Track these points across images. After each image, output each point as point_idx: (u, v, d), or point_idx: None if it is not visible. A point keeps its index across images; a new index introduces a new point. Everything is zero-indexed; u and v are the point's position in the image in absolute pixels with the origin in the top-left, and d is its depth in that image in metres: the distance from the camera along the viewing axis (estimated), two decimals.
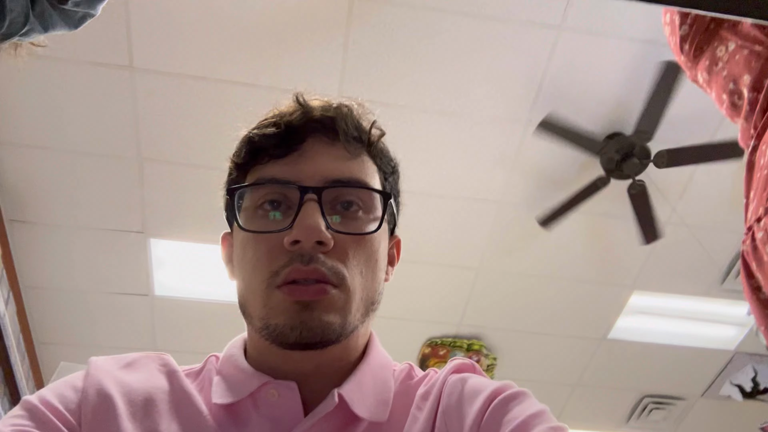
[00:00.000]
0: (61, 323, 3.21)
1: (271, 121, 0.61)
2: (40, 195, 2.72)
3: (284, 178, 0.59)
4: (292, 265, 0.55)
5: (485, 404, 0.56)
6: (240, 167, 0.63)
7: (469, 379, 0.60)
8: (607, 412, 3.90)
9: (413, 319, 3.33)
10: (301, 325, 0.54)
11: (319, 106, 0.62)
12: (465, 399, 0.58)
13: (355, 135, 0.62)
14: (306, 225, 0.55)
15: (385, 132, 0.66)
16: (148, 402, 0.57)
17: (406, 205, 2.99)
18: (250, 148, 0.62)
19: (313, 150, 0.60)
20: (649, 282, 3.19)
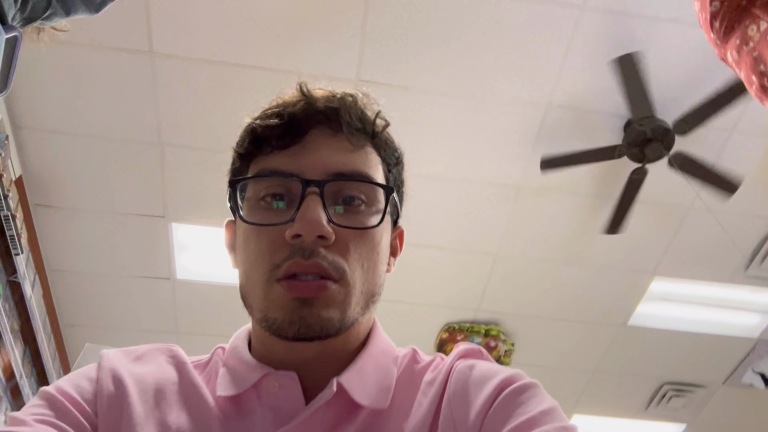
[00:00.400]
0: (86, 306, 3.28)
1: (274, 112, 0.61)
2: (64, 180, 2.77)
3: (286, 170, 0.58)
4: (292, 258, 0.55)
5: (494, 394, 0.55)
6: (243, 157, 0.63)
7: (477, 365, 0.60)
8: (626, 399, 3.88)
9: (431, 305, 3.34)
10: (300, 321, 0.54)
11: (322, 97, 0.61)
12: (472, 386, 0.57)
13: (359, 126, 0.61)
14: (307, 219, 0.55)
15: (389, 122, 0.65)
16: (158, 393, 0.59)
17: (424, 191, 3.00)
18: (253, 138, 0.61)
19: (316, 142, 0.59)
20: (670, 268, 3.15)
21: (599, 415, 3.99)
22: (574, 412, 3.95)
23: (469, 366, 0.60)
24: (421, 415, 0.57)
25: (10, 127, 2.53)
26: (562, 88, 2.51)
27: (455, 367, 0.60)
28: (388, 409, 0.58)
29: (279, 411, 0.57)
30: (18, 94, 2.46)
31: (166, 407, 0.58)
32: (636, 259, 3.12)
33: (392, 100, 2.51)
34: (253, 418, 0.57)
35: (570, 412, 3.95)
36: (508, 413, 0.53)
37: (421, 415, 0.57)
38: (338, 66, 2.43)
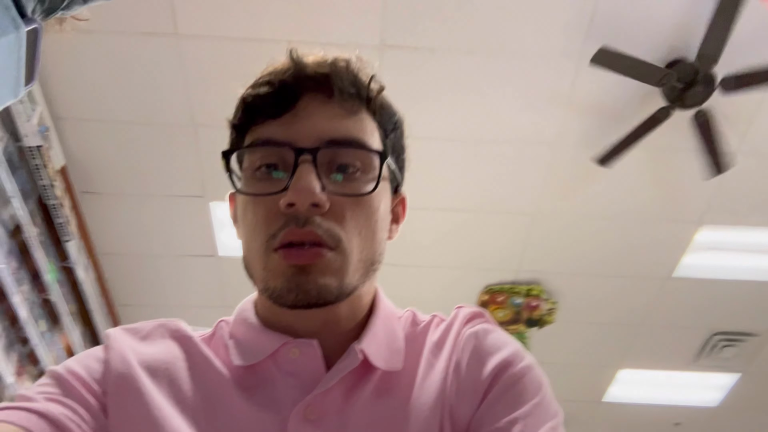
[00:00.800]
0: (137, 286, 3.41)
1: (264, 80, 0.60)
2: (105, 167, 2.85)
3: (279, 139, 0.57)
4: (287, 227, 0.55)
5: (491, 376, 0.57)
6: (237, 128, 0.62)
7: (480, 335, 0.61)
8: (674, 351, 3.83)
9: (470, 268, 3.34)
10: (297, 288, 0.55)
11: (313, 62, 0.60)
12: (474, 361, 0.59)
13: (352, 91, 0.59)
14: (300, 187, 0.54)
15: (384, 87, 0.63)
16: (169, 370, 0.59)
17: (456, 154, 2.96)
18: (245, 108, 0.61)
19: (308, 109, 0.58)
20: (716, 216, 3.05)
21: (647, 369, 3.96)
22: (621, 367, 3.93)
23: (475, 336, 0.61)
24: (436, 379, 0.59)
25: (50, 118, 2.61)
26: (596, 35, 2.42)
27: (462, 335, 0.62)
28: (399, 370, 0.60)
29: (300, 377, 0.58)
30: (55, 85, 2.53)
31: (181, 384, 0.58)
32: (680, 210, 3.04)
33: (419, 63, 2.50)
34: (274, 385, 0.58)
35: (616, 368, 3.93)
36: (501, 406, 0.56)
37: (433, 377, 0.59)
38: (361, 33, 2.40)
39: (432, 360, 0.61)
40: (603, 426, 4.40)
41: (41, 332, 2.46)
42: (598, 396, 4.16)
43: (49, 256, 2.51)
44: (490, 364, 0.58)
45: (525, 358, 0.60)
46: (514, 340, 0.62)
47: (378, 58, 2.47)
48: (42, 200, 2.46)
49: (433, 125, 2.69)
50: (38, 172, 2.31)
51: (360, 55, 0.62)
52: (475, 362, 0.59)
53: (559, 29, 2.41)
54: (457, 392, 0.57)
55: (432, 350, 0.62)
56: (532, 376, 0.58)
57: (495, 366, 0.58)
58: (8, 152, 2.15)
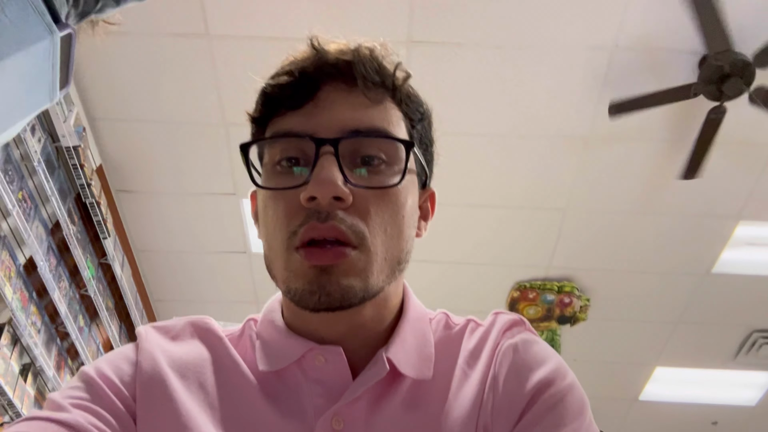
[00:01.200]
0: (173, 282, 3.48)
1: (285, 70, 0.57)
2: (140, 166, 2.91)
3: (299, 130, 0.54)
4: (308, 222, 0.52)
5: (531, 394, 0.54)
6: (257, 121, 0.59)
7: (520, 348, 0.58)
8: (712, 349, 3.73)
9: (501, 264, 3.31)
10: (320, 290, 0.51)
11: (335, 50, 0.56)
12: (513, 376, 0.56)
13: (376, 80, 0.56)
14: (321, 180, 0.51)
15: (410, 74, 0.59)
16: (198, 374, 0.58)
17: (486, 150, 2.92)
18: (265, 100, 0.58)
19: (330, 98, 0.55)
20: (756, 211, 2.96)
21: (684, 367, 3.87)
22: (657, 365, 3.84)
23: (514, 348, 0.58)
24: (469, 390, 0.56)
25: (86, 119, 2.68)
26: (627, 28, 2.37)
27: (501, 347, 0.59)
28: (431, 378, 0.57)
29: (326, 385, 0.56)
30: (90, 87, 2.60)
31: (209, 388, 0.57)
32: (718, 204, 2.95)
33: (447, 58, 2.48)
34: (300, 392, 0.57)
35: (652, 365, 3.85)
36: (539, 429, 0.53)
37: (468, 389, 0.57)
38: (388, 29, 2.39)
39: (467, 370, 0.58)
40: (639, 424, 4.32)
41: (80, 327, 2.53)
42: (635, 394, 4.08)
43: (86, 253, 2.58)
44: (530, 382, 0.55)
45: (567, 375, 0.56)
46: (556, 354, 0.59)
47: (405, 53, 2.46)
48: (80, 199, 2.53)
49: (462, 120, 2.67)
50: (76, 172, 2.38)
51: (384, 41, 0.59)
52: (513, 378, 0.56)
53: (590, 20, 2.36)
54: (493, 409, 0.55)
55: (467, 359, 0.59)
56: (573, 397, 0.55)
57: (535, 384, 0.55)
58: (46, 152, 2.21)
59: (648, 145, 2.72)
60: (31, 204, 2.11)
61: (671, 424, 4.31)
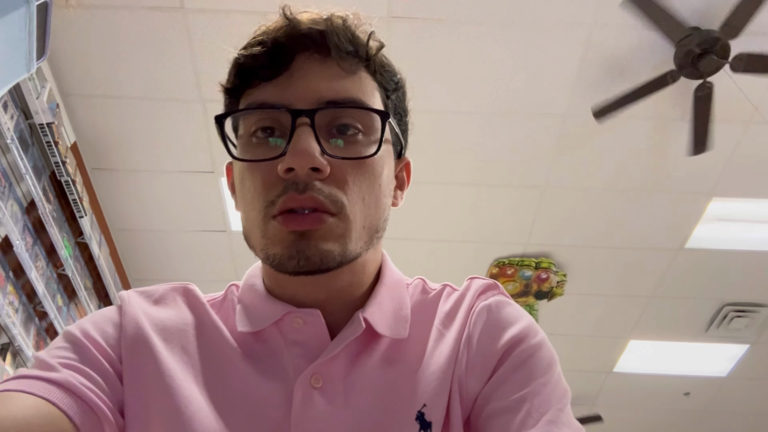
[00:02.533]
0: (151, 261, 3.46)
1: (257, 40, 0.56)
2: (116, 143, 2.86)
3: (274, 101, 0.54)
4: (286, 193, 0.53)
5: (503, 351, 0.57)
6: (231, 92, 0.59)
7: (493, 309, 0.60)
8: (685, 322, 3.84)
9: (480, 241, 3.35)
10: (299, 255, 0.52)
11: (308, 20, 0.56)
12: (486, 335, 0.58)
13: (350, 49, 0.56)
14: (298, 151, 0.52)
15: (384, 44, 0.59)
16: (180, 336, 0.59)
17: (466, 127, 2.94)
18: (238, 70, 0.57)
19: (304, 69, 0.55)
20: (729, 187, 3.03)
21: (658, 340, 3.97)
22: (631, 338, 3.95)
23: (487, 309, 0.60)
24: (446, 349, 0.58)
25: (59, 95, 2.61)
26: (606, 7, 2.37)
27: (475, 308, 0.61)
28: (407, 338, 0.59)
29: (304, 346, 0.58)
30: (63, 62, 2.53)
31: (191, 350, 0.58)
32: (692, 181, 3.01)
33: (427, 34, 2.46)
34: (279, 353, 0.58)
35: (627, 338, 3.95)
36: (510, 383, 0.55)
37: (444, 347, 0.59)
38: (369, 3, 2.37)
39: (442, 330, 0.60)
40: (614, 396, 4.45)
41: (58, 306, 2.51)
42: (609, 367, 4.19)
43: (63, 232, 2.54)
44: (502, 339, 0.57)
45: (537, 333, 0.59)
46: (527, 315, 0.61)
47: (386, 29, 2.44)
48: (55, 177, 2.49)
49: (442, 98, 2.67)
50: (50, 149, 2.33)
51: (357, 11, 0.58)
52: (487, 336, 0.58)
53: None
54: (467, 365, 0.57)
55: (443, 321, 0.61)
56: (543, 353, 0.57)
57: (507, 341, 0.57)
58: (20, 129, 2.16)
59: (625, 123, 2.75)
60: (5, 182, 2.07)
61: (645, 395, 4.44)
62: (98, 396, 0.53)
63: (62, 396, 0.51)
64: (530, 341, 0.57)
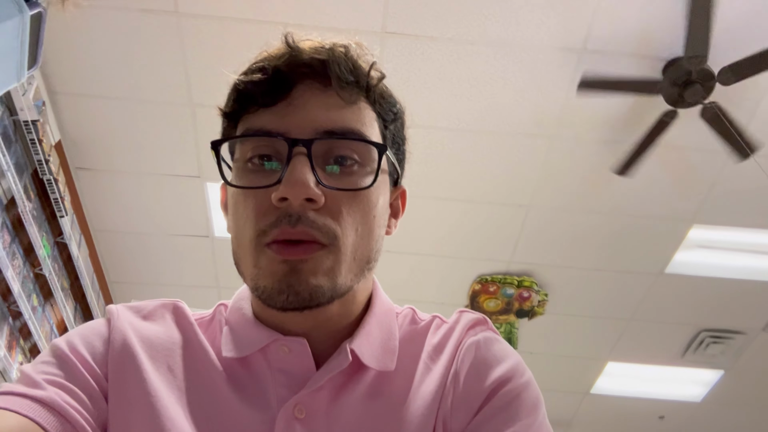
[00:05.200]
0: (132, 264, 3.41)
1: (257, 66, 0.56)
2: (101, 143, 2.84)
3: (272, 129, 0.54)
4: (279, 227, 0.52)
5: (489, 390, 0.56)
6: (229, 116, 0.59)
7: (482, 346, 0.60)
8: (662, 346, 3.87)
9: (463, 257, 3.36)
10: (288, 289, 0.52)
11: (309, 48, 0.56)
12: (474, 372, 0.58)
13: (351, 79, 0.56)
14: (293, 181, 0.51)
15: (385, 75, 0.59)
16: (167, 356, 0.58)
17: (454, 144, 2.96)
18: (237, 96, 0.57)
19: (304, 98, 0.55)
20: (710, 215, 3.08)
21: (635, 363, 4.00)
22: (609, 360, 3.97)
23: (476, 346, 0.60)
24: (432, 384, 0.58)
25: (46, 92, 2.59)
26: (596, 31, 2.42)
27: (464, 344, 0.60)
28: (394, 371, 0.58)
29: (289, 375, 0.57)
30: (51, 59, 2.51)
31: (177, 370, 0.58)
32: (674, 207, 3.06)
33: (419, 51, 2.49)
34: (263, 380, 0.57)
35: (605, 360, 3.97)
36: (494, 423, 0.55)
37: (430, 382, 0.58)
38: (363, 18, 2.39)
39: (430, 364, 0.59)
40: (590, 417, 4.46)
41: (33, 306, 2.46)
42: (587, 387, 4.21)
43: (42, 231, 2.50)
44: (490, 378, 0.57)
45: (524, 373, 0.58)
46: (515, 353, 0.61)
47: (379, 45, 2.46)
48: (37, 175, 2.45)
49: (432, 114, 2.69)
50: (34, 147, 2.30)
51: (360, 41, 0.59)
52: (474, 374, 0.57)
53: (561, 22, 2.40)
54: (453, 403, 0.56)
55: (430, 354, 0.60)
56: (529, 394, 0.57)
57: (494, 380, 0.57)
58: (3, 126, 2.13)
59: (610, 147, 2.79)
60: None
61: (620, 418, 4.46)
62: (82, 415, 0.52)
63: (46, 415, 0.50)
64: (517, 381, 0.57)
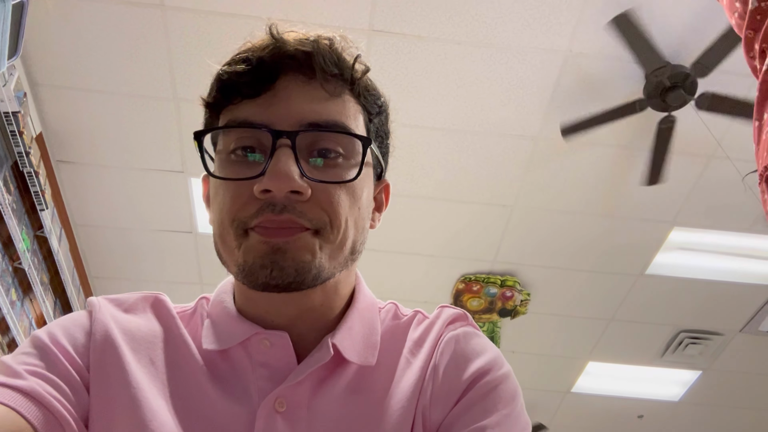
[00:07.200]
0: (113, 259, 3.38)
1: (241, 57, 0.56)
2: (84, 136, 2.80)
3: (256, 120, 0.54)
4: (262, 215, 0.52)
5: (468, 382, 0.57)
6: (211, 107, 0.58)
7: (461, 339, 0.60)
8: (642, 347, 3.92)
9: (448, 256, 3.37)
10: (272, 265, 0.52)
11: (294, 40, 0.56)
12: (453, 365, 0.58)
13: (335, 72, 0.56)
14: (277, 173, 0.52)
15: (369, 67, 0.59)
16: (149, 349, 0.58)
17: (440, 143, 2.98)
18: (221, 86, 0.57)
19: (288, 89, 0.55)
20: (690, 218, 3.12)
21: (615, 362, 4.05)
22: (590, 359, 4.01)
23: (455, 340, 0.60)
24: (411, 377, 0.58)
25: (27, 84, 2.55)
26: (581, 36, 2.44)
27: (443, 338, 0.61)
28: (375, 365, 0.59)
29: (271, 368, 0.57)
30: (34, 50, 2.47)
31: (157, 362, 0.57)
32: (656, 210, 3.10)
33: (406, 50, 2.49)
34: (244, 374, 0.57)
35: (585, 359, 4.02)
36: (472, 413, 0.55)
37: (411, 376, 0.58)
38: (350, 16, 2.38)
39: (410, 358, 0.60)
40: (570, 415, 4.51)
41: (12, 301, 2.43)
42: (568, 386, 4.25)
43: (22, 225, 2.47)
44: (468, 371, 0.58)
45: (503, 366, 0.59)
46: (494, 347, 0.62)
47: (366, 42, 2.46)
48: (17, 167, 2.42)
49: (418, 113, 2.69)
50: (14, 139, 2.27)
51: (344, 34, 0.59)
52: (453, 367, 0.58)
53: (549, 25, 2.42)
54: (432, 395, 0.57)
55: (411, 348, 0.61)
56: (507, 386, 0.58)
57: (472, 372, 0.57)
58: None
59: (593, 150, 2.82)
60: None
61: (601, 416, 4.52)
62: (63, 405, 0.52)
63: (27, 405, 0.50)
64: (495, 373, 0.58)
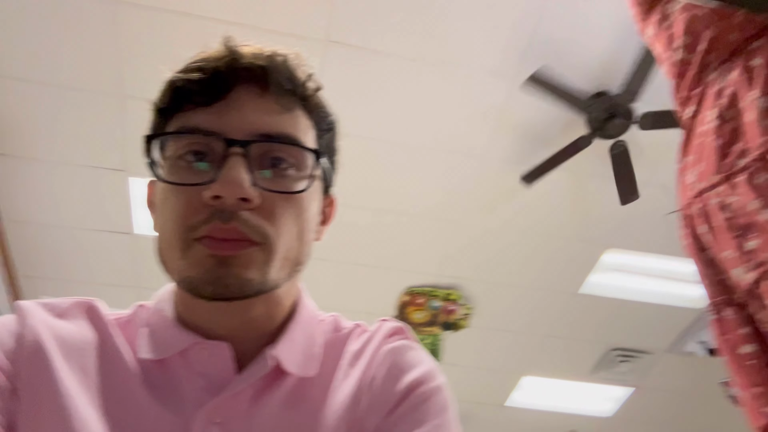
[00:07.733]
0: (44, 257, 3.22)
1: (196, 65, 0.56)
2: (18, 128, 2.67)
3: (209, 128, 0.55)
4: (210, 222, 0.52)
5: (402, 393, 0.58)
6: (162, 112, 0.58)
7: (398, 352, 0.61)
8: (574, 362, 4.05)
9: (394, 269, 3.39)
10: (217, 281, 0.52)
11: (249, 53, 0.57)
12: (389, 377, 0.59)
13: (288, 87, 0.58)
14: (229, 180, 0.52)
15: (321, 86, 0.61)
16: (81, 356, 0.57)
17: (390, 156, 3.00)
18: (173, 92, 0.57)
19: (241, 100, 0.56)
20: (623, 240, 3.27)
21: (549, 377, 4.17)
22: (525, 374, 4.11)
23: (392, 352, 0.61)
24: (348, 388, 0.59)
25: None
26: (526, 62, 2.53)
27: (381, 350, 0.62)
28: (314, 377, 0.60)
29: (209, 378, 0.57)
30: None
31: (91, 371, 0.56)
32: (591, 231, 3.23)
33: (362, 63, 2.51)
34: (181, 384, 0.57)
35: (520, 374, 4.11)
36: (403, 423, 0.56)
37: (347, 388, 0.59)
38: (307, 25, 2.39)
39: (348, 370, 0.61)
40: (504, 429, 4.59)
41: None
42: (502, 400, 4.33)
43: None
44: (402, 382, 0.58)
45: (436, 378, 0.60)
46: (430, 360, 0.63)
47: (321, 52, 2.46)
48: None
49: (368, 125, 2.72)
50: None
51: (299, 51, 0.60)
52: (388, 378, 0.59)
53: (498, 48, 2.50)
54: (369, 406, 0.58)
55: (350, 360, 0.61)
56: (440, 397, 0.59)
57: (406, 384, 0.58)
58: None
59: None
60: None
61: (534, 430, 4.62)
62: None
63: None
64: (428, 385, 0.59)
